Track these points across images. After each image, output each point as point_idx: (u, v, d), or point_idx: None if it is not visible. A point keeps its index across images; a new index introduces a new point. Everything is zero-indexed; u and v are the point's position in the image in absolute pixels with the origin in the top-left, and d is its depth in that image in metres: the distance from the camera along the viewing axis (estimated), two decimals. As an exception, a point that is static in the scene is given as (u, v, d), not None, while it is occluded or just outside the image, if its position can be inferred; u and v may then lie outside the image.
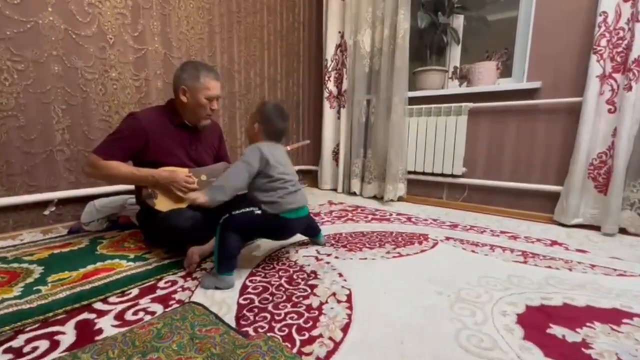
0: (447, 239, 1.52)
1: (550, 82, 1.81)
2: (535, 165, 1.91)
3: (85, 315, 0.86)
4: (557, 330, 0.82)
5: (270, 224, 1.10)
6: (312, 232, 1.38)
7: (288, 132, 1.17)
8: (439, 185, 2.30)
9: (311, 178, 3.10)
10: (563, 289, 1.03)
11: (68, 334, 0.78)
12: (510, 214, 1.99)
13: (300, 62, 2.94)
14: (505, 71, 2.07)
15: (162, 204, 1.22)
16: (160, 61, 1.85)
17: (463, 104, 2.06)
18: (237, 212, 1.08)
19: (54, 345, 0.74)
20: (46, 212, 1.53)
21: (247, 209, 1.09)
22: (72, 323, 0.83)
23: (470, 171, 2.14)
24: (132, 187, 1.39)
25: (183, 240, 1.19)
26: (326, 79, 2.68)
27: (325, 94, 2.70)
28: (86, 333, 0.79)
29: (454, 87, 2.27)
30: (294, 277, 1.10)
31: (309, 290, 1.00)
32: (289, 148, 1.56)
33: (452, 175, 2.19)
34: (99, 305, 0.91)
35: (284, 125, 1.14)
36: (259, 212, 1.08)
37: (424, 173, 2.31)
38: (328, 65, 2.65)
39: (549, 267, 1.20)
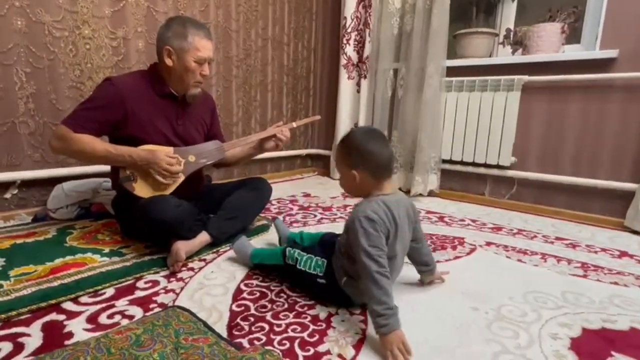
0: (488, 244, 1.51)
1: (630, 51, 1.75)
2: (604, 156, 1.87)
3: (53, 316, 0.91)
4: (620, 359, 0.81)
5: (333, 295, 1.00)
6: None
7: (394, 159, 0.98)
8: (481, 178, 2.28)
9: (322, 165, 3.11)
10: (632, 310, 1.02)
11: (34, 337, 0.83)
12: (570, 217, 1.96)
13: (312, 20, 2.91)
14: (572, 36, 2.00)
15: (142, 189, 1.25)
16: (142, 16, 1.86)
17: (516, 77, 2.02)
18: (301, 266, 1.03)
19: (18, 348, 0.79)
20: (7, 196, 1.59)
21: (311, 270, 1.01)
22: (38, 324, 0.87)
23: (521, 162, 2.12)
24: (107, 168, 1.43)
25: (166, 234, 1.22)
26: (344, 42, 2.65)
27: (343, 61, 2.68)
28: (54, 336, 0.83)
29: (505, 55, 2.23)
30: (298, 282, 1.12)
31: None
32: (295, 125, 1.57)
33: (498, 167, 2.17)
34: (68, 306, 0.96)
35: (387, 150, 0.96)
36: (322, 281, 0.99)
37: (462, 162, 2.29)
38: (347, 24, 2.62)
39: (615, 283, 1.19)
